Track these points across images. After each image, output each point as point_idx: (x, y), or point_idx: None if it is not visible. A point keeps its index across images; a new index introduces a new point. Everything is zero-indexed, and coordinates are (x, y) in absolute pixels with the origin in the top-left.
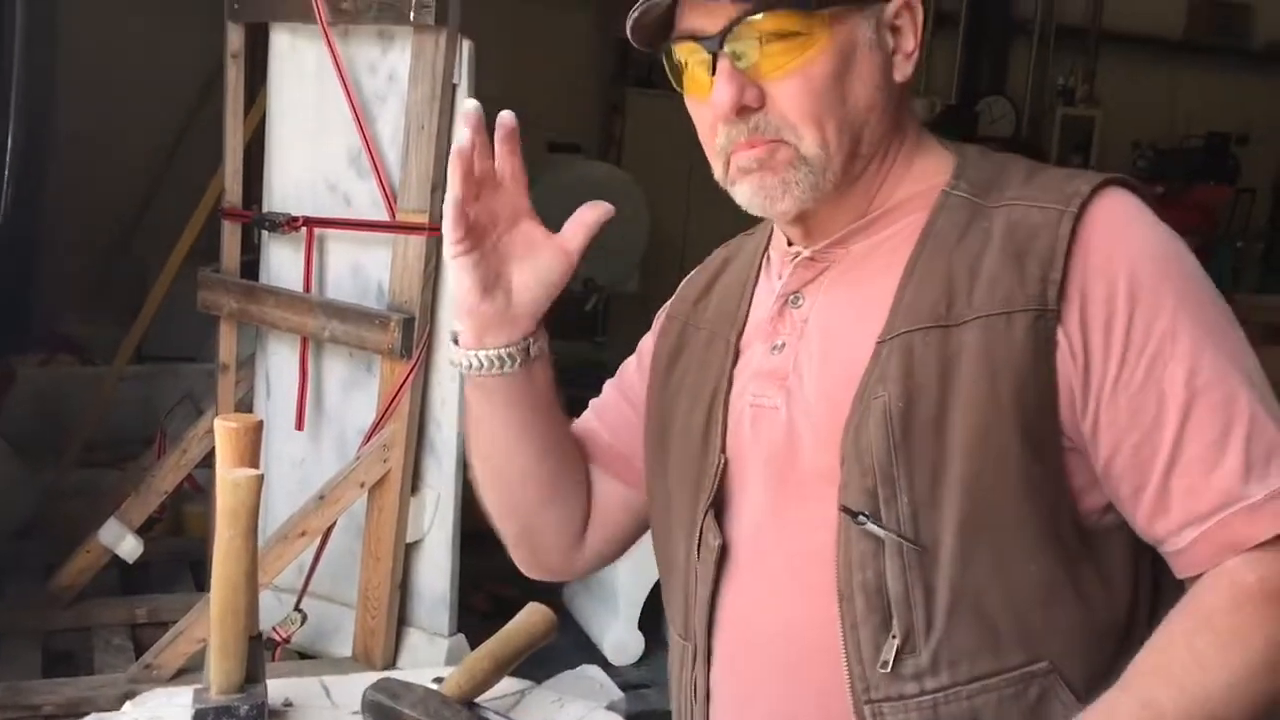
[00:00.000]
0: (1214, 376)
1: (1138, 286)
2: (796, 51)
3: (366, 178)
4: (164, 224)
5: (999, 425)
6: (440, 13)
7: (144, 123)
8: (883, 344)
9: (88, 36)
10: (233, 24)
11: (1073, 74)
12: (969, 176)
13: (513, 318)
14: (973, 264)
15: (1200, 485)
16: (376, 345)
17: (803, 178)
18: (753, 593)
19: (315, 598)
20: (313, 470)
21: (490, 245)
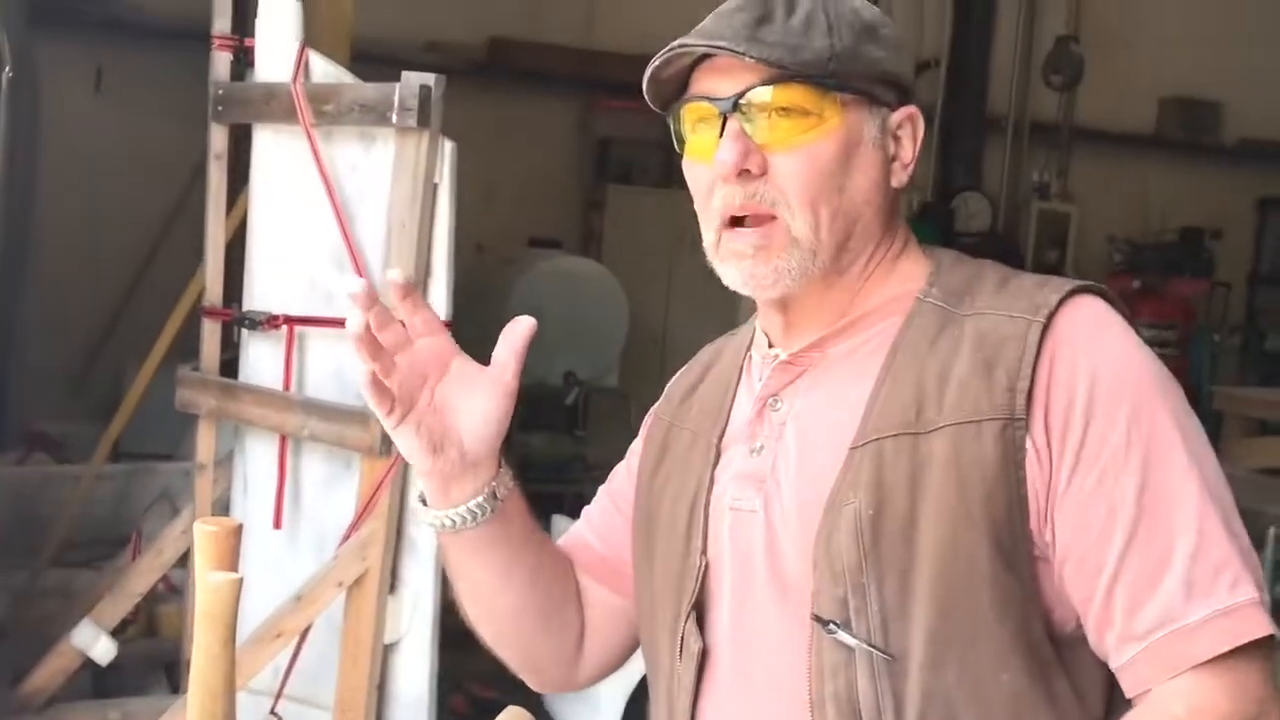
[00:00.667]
0: (1164, 492)
1: (1095, 397)
2: (805, 129)
3: (347, 275)
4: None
5: (968, 533)
6: (422, 116)
7: (123, 222)
8: (855, 450)
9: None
10: (217, 125)
11: (1046, 170)
12: (942, 283)
13: (471, 465)
14: (943, 371)
15: (1141, 603)
16: (356, 443)
17: (794, 264)
18: (734, 700)
19: (291, 700)
20: (290, 570)
21: (426, 404)
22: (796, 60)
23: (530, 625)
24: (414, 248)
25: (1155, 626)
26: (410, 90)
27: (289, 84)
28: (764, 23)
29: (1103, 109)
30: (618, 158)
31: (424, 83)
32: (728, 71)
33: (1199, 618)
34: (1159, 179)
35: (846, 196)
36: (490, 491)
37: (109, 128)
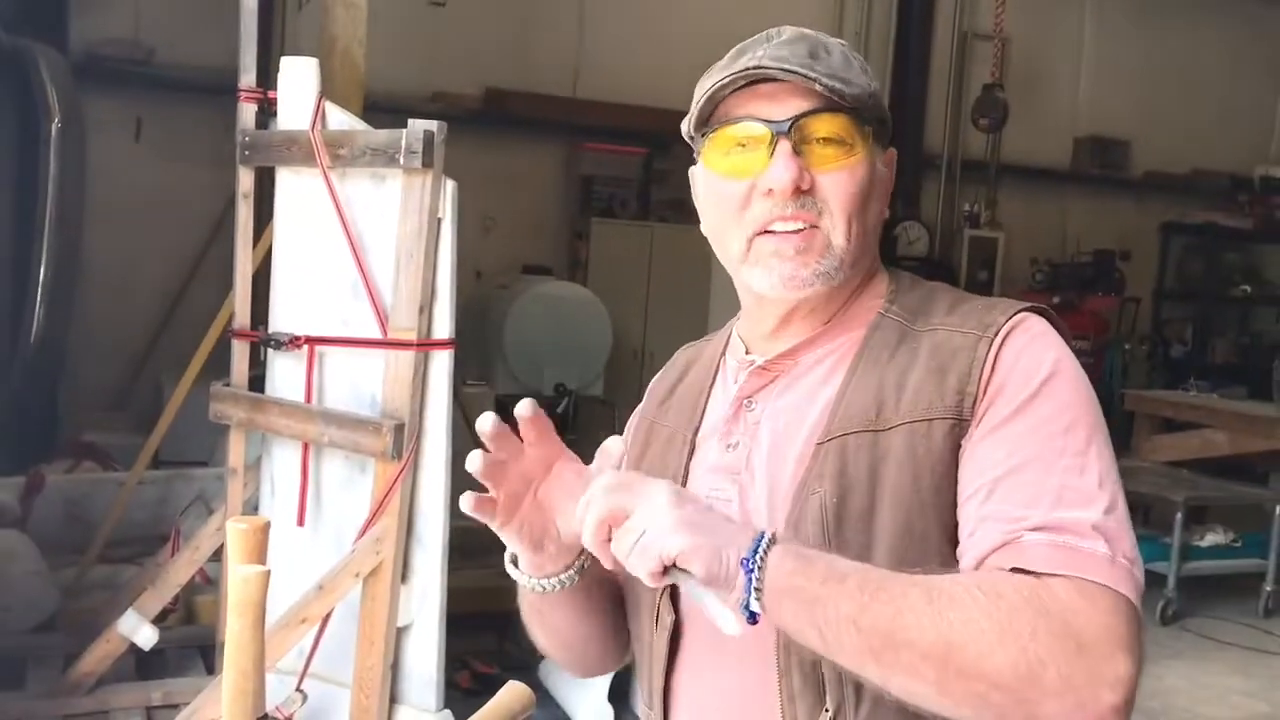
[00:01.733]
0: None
1: (1007, 381)
2: (844, 155)
3: (362, 300)
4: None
5: (920, 518)
6: (426, 157)
7: (161, 255)
8: (821, 445)
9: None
10: (244, 168)
11: (976, 201)
12: (901, 301)
13: (565, 549)
14: (900, 378)
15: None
16: (370, 449)
17: (828, 267)
18: (705, 668)
19: (314, 679)
20: (312, 562)
21: (529, 506)
22: (848, 94)
23: (597, 647)
24: (420, 275)
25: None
26: (416, 135)
27: (308, 131)
28: (816, 57)
29: (1025, 147)
30: (599, 194)
31: (428, 128)
32: (776, 98)
33: (1038, 540)
34: (1075, 208)
35: (869, 215)
36: (579, 566)
37: (148, 173)
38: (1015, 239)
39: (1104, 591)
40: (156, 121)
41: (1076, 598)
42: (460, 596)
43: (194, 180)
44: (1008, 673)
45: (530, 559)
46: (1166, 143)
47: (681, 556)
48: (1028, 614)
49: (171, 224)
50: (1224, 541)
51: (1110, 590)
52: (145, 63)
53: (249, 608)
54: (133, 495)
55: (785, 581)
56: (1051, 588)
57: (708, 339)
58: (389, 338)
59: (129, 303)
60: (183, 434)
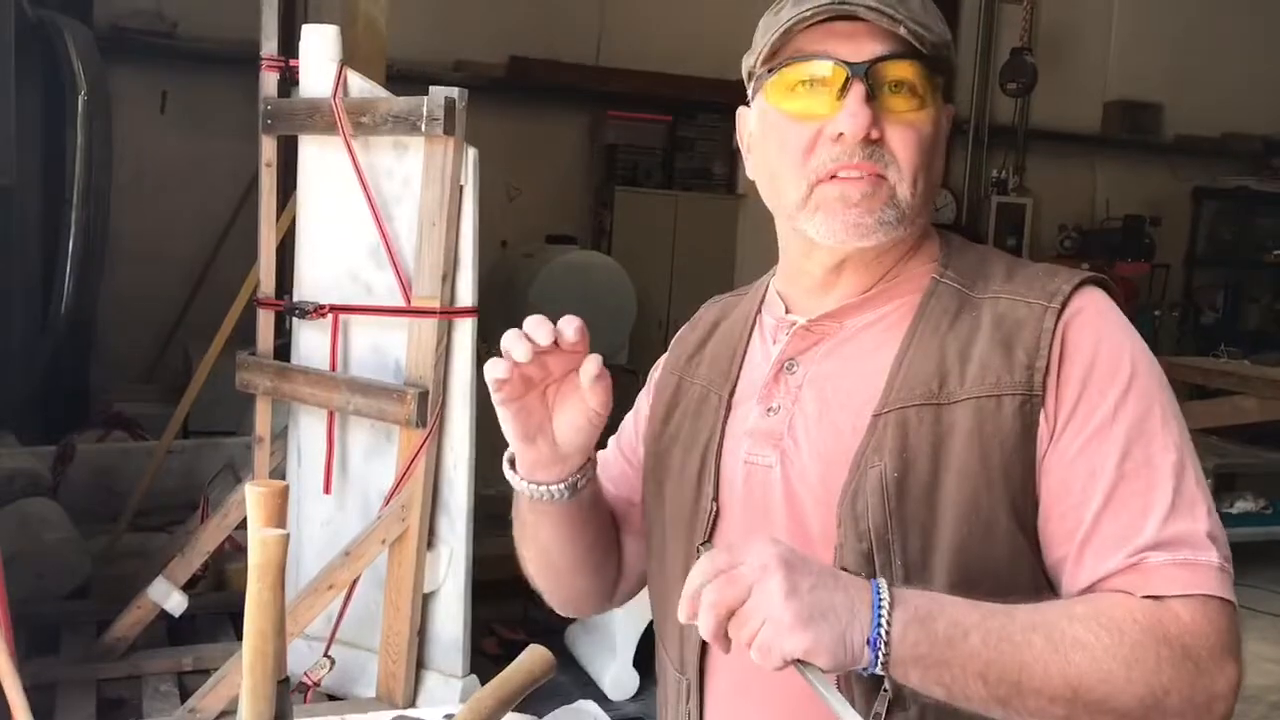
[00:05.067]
0: (1144, 463)
1: (1091, 375)
2: (916, 106)
3: (385, 269)
4: (206, 313)
5: (988, 496)
6: (448, 125)
7: (188, 227)
8: (879, 417)
9: (139, 154)
10: (267, 137)
11: (1004, 167)
12: (955, 265)
13: (562, 457)
14: (963, 348)
15: (1109, 557)
16: (395, 417)
17: (891, 220)
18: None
19: (342, 645)
20: (339, 529)
21: (534, 398)
22: (929, 40)
23: (583, 579)
24: (443, 243)
25: (1119, 568)
26: (437, 102)
27: (330, 99)
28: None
29: (1054, 112)
30: (624, 163)
31: (449, 95)
32: (853, 38)
33: (1161, 561)
34: (1104, 173)
35: (933, 171)
36: (572, 482)
37: (174, 145)
38: (1044, 205)
39: (1220, 606)
40: (182, 94)
41: (1197, 618)
42: (487, 563)
43: (220, 152)
44: (1135, 706)
45: (522, 453)
46: (1198, 106)
47: (807, 655)
48: (1150, 645)
49: (198, 196)
50: (1255, 509)
51: (1223, 601)
52: (169, 35)
53: (268, 570)
54: (162, 464)
55: (910, 651)
56: (1174, 611)
57: (737, 294)
58: (412, 306)
59: (157, 274)
60: (211, 403)
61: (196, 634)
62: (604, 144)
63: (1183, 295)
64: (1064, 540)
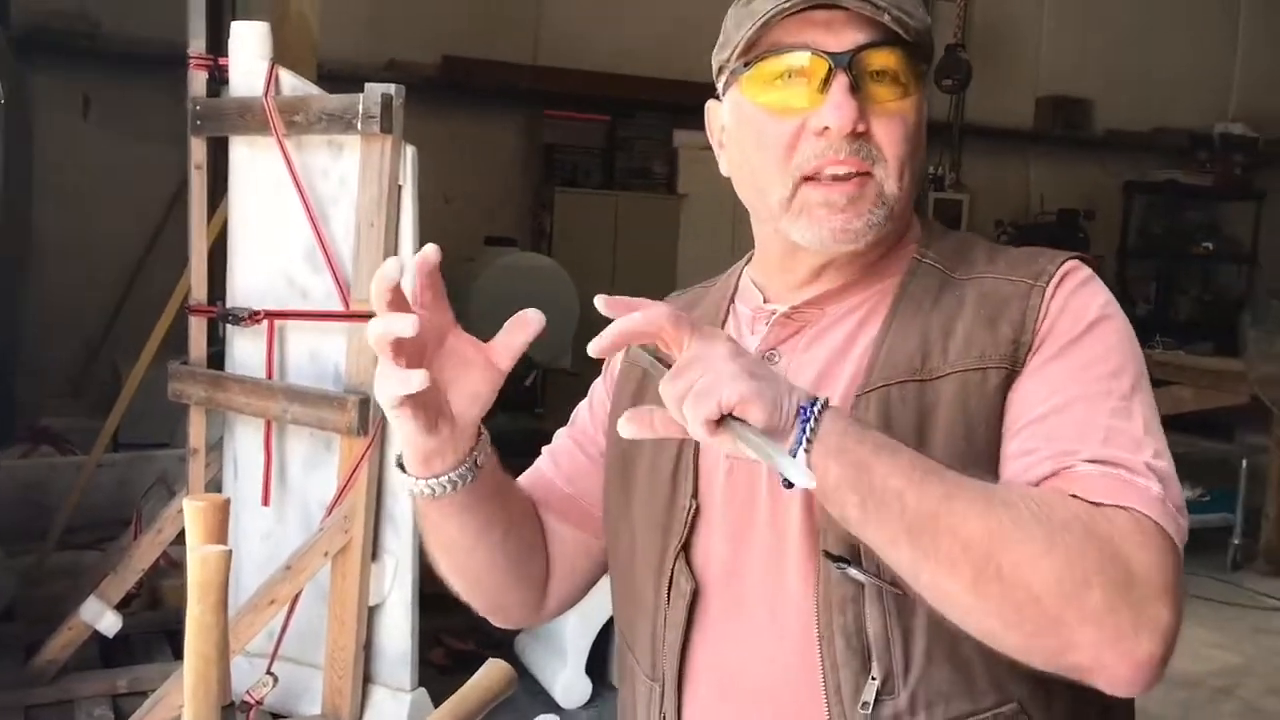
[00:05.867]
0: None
1: (1059, 319)
2: (900, 95)
3: (321, 272)
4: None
5: (975, 470)
6: (385, 122)
7: (116, 233)
8: (861, 397)
9: (62, 160)
10: (196, 138)
11: (941, 164)
12: (936, 247)
13: (456, 438)
14: (946, 325)
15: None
16: (335, 425)
17: (880, 218)
18: (731, 636)
19: (285, 661)
20: (279, 543)
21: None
22: (912, 27)
23: (502, 577)
24: (382, 244)
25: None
26: (373, 99)
27: (261, 98)
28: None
29: (989, 108)
30: (562, 163)
31: (385, 91)
32: (832, 27)
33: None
34: (1038, 168)
35: (918, 161)
36: (472, 461)
37: (99, 150)
38: (980, 200)
39: (1157, 529)
40: (106, 97)
41: (1131, 528)
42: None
43: (147, 157)
44: (1050, 584)
45: (421, 447)
46: (1128, 101)
47: (741, 403)
48: (1079, 531)
49: (125, 202)
50: (1192, 497)
51: (1162, 530)
52: (92, 36)
53: (210, 589)
54: (92, 479)
55: (837, 441)
56: (1107, 514)
57: (705, 285)
58: (351, 310)
59: (84, 284)
60: (143, 415)
61: (131, 654)
62: (542, 144)
63: (1116, 288)
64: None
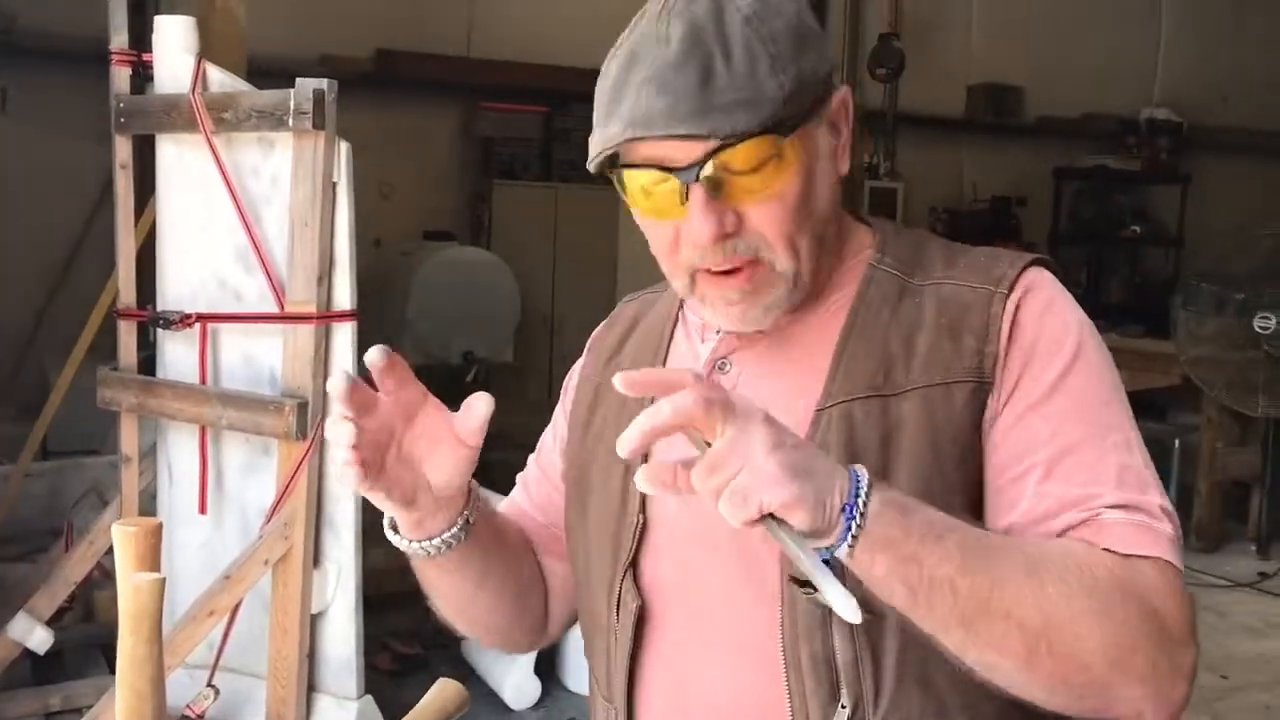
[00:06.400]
0: (1083, 440)
1: (1035, 350)
2: (770, 176)
3: (254, 273)
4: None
5: (943, 489)
6: (317, 118)
7: (40, 233)
8: (821, 412)
9: None
10: (120, 137)
11: (876, 152)
12: (892, 252)
13: (444, 502)
14: (907, 337)
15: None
16: (272, 430)
17: (780, 296)
18: (687, 658)
19: (227, 672)
20: (217, 551)
21: (393, 460)
22: (757, 119)
23: (506, 615)
24: (317, 243)
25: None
26: (305, 95)
27: (188, 94)
28: (710, 78)
29: (921, 97)
30: (500, 155)
31: (317, 87)
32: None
33: (1119, 519)
34: (971, 155)
35: (816, 217)
36: (464, 520)
37: (19, 147)
38: (914, 188)
39: (1176, 574)
40: (25, 93)
41: (1159, 580)
42: (377, 577)
43: (71, 154)
44: (1099, 656)
45: (405, 518)
46: (1058, 88)
47: (784, 509)
48: (1121, 595)
49: (50, 201)
50: None
51: (1179, 573)
52: (7, 30)
53: (143, 619)
54: (20, 488)
55: (884, 533)
56: (1139, 568)
57: (655, 290)
58: (286, 312)
59: (8, 285)
60: (73, 422)
61: (64, 670)
62: (479, 137)
63: None
64: (1004, 513)
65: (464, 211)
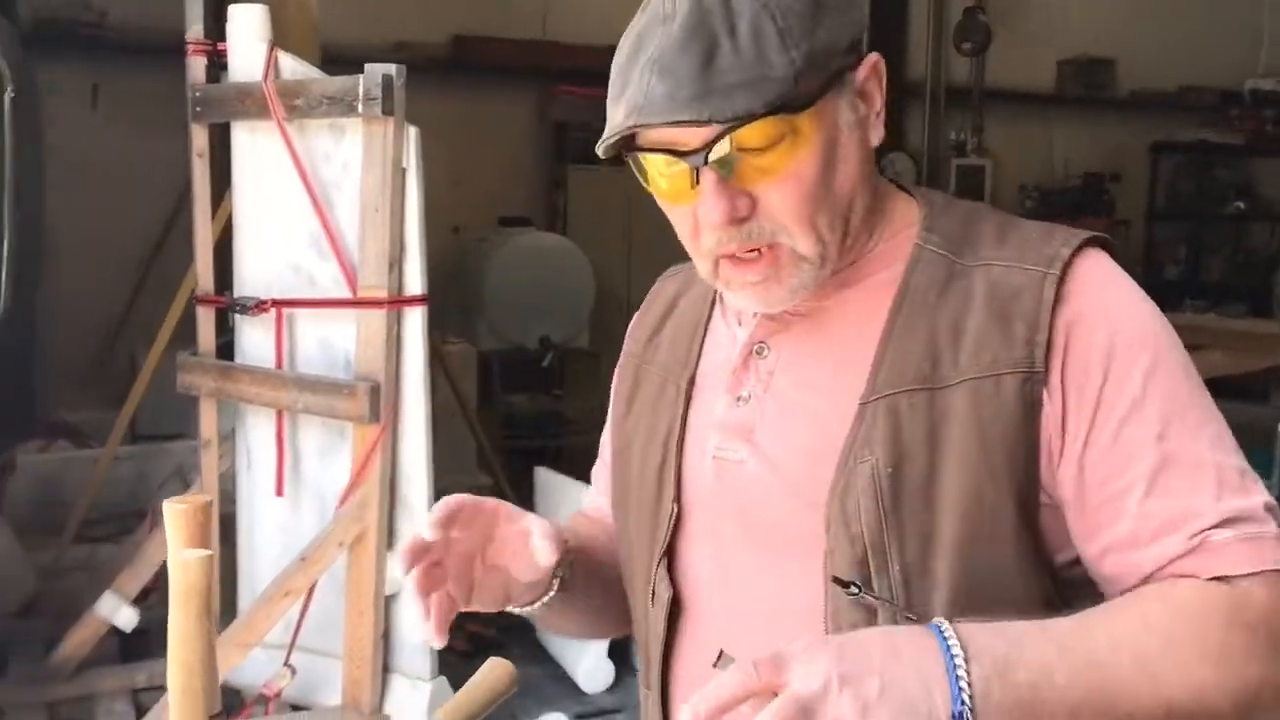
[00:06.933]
0: (1180, 444)
1: (1113, 352)
2: (785, 155)
3: (328, 259)
4: (151, 314)
5: (992, 489)
6: (386, 104)
7: (128, 224)
8: (866, 405)
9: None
10: (197, 125)
11: (963, 129)
12: (940, 229)
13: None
14: (955, 324)
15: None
16: (346, 413)
17: (805, 277)
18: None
19: (304, 652)
20: (295, 533)
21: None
22: (760, 100)
23: (614, 620)
24: (388, 229)
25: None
26: (374, 80)
27: (261, 82)
28: (712, 59)
29: (1009, 71)
30: (576, 140)
31: (386, 72)
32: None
33: (1226, 538)
34: (1062, 131)
35: (838, 194)
36: (560, 579)
37: (108, 140)
38: (1003, 166)
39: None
40: (114, 87)
41: (1270, 600)
42: None
43: (157, 146)
44: (1228, 707)
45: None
46: (1153, 60)
47: None
48: (1235, 638)
49: (137, 192)
50: None
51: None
52: (98, 26)
53: (192, 596)
54: (108, 472)
55: (995, 712)
56: (1250, 595)
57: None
58: (359, 296)
59: (99, 275)
60: (159, 407)
61: (150, 648)
62: (554, 122)
63: (1145, 251)
64: (1103, 530)
65: (540, 197)
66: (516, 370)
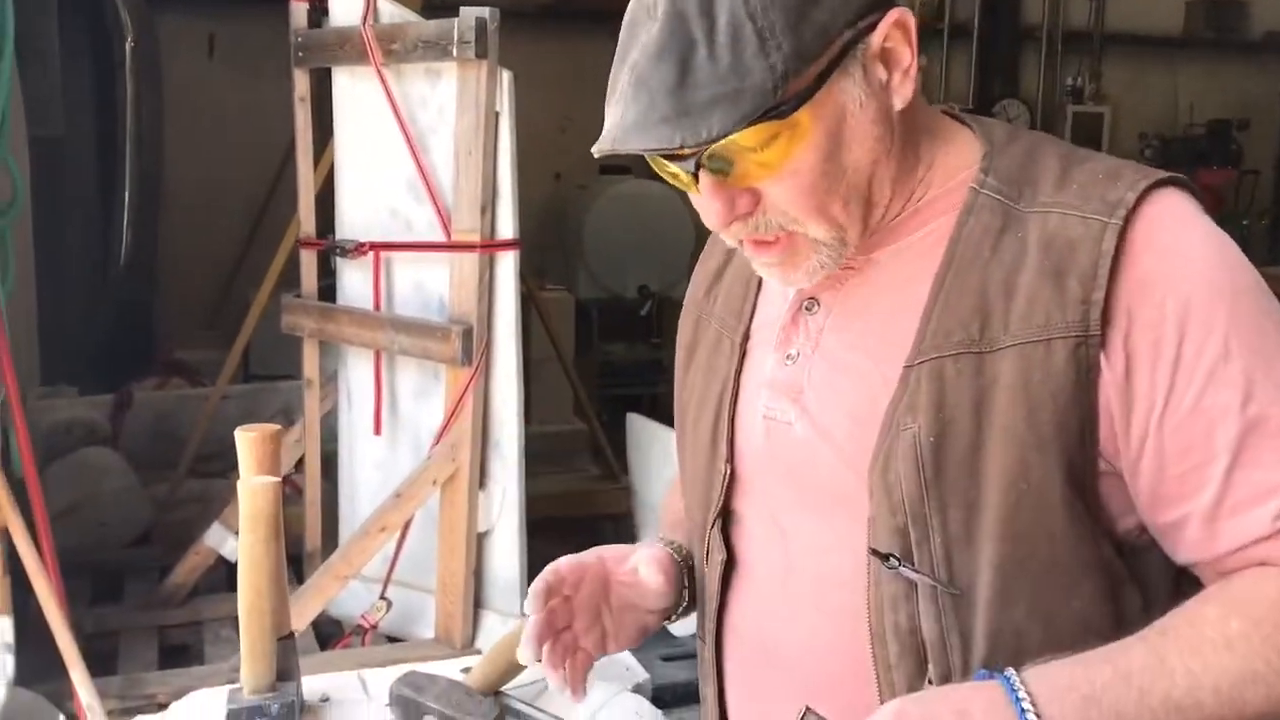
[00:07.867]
0: (1268, 404)
1: (1188, 307)
2: (782, 151)
3: (424, 203)
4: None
5: (1040, 460)
6: (480, 47)
7: (244, 170)
8: (911, 369)
9: (190, 101)
10: (299, 70)
11: (1080, 74)
12: (998, 169)
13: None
14: (1008, 280)
15: (1252, 515)
16: (440, 355)
17: (824, 258)
18: (771, 614)
19: (399, 586)
20: (392, 471)
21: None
22: (736, 115)
23: None
24: (480, 173)
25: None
26: (468, 24)
27: (359, 27)
28: (688, 69)
29: (1132, 13)
30: None
31: (480, 16)
32: None
33: None
34: (1187, 76)
35: (851, 174)
36: (688, 592)
37: (224, 89)
38: (1122, 113)
39: None
40: (229, 37)
41: None
42: (542, 503)
43: (270, 94)
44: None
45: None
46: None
47: None
48: None
49: (251, 139)
50: None
51: None
52: None
53: (260, 521)
54: (219, 409)
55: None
56: None
57: None
58: (452, 240)
59: (215, 220)
60: (270, 347)
61: None
62: None
63: (1273, 201)
64: (1181, 502)
65: None
66: (615, 318)
